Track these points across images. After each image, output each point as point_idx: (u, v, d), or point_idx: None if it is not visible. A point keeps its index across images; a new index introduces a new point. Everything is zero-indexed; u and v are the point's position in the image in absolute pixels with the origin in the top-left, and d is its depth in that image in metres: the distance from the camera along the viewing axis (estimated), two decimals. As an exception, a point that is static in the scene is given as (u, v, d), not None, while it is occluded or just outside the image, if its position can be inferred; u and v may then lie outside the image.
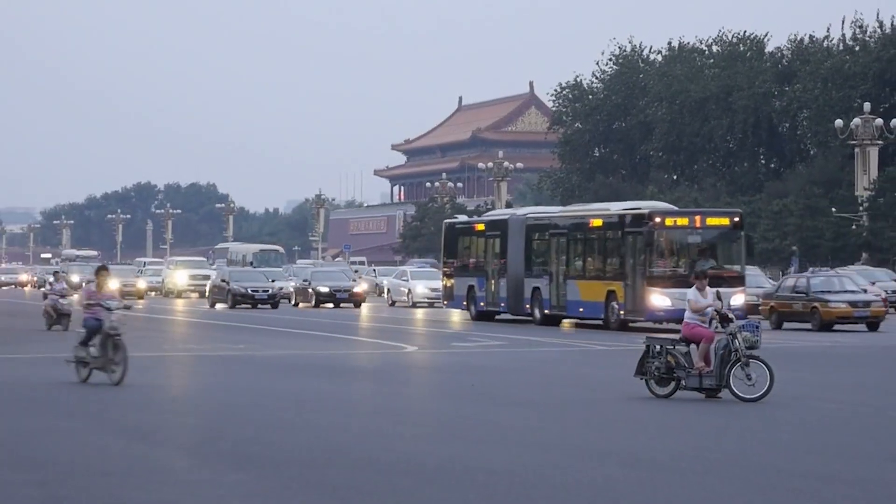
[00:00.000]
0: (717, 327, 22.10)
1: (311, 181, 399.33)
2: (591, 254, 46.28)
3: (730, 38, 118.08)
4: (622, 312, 42.87)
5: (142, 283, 78.99)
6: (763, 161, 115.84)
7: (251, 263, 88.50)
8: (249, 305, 62.77)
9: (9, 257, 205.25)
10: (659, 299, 41.71)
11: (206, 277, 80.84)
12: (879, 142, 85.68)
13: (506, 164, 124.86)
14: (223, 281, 65.62)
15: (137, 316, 47.93)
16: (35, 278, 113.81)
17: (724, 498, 12.89)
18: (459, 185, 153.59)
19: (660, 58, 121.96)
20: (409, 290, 66.80)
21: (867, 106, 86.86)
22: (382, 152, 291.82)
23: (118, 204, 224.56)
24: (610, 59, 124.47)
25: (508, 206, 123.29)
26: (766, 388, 21.40)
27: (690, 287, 23.06)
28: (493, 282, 50.67)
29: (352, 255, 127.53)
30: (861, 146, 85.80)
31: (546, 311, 46.76)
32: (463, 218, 62.71)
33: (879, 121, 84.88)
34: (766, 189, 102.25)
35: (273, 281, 66.60)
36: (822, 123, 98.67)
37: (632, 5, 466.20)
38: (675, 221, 42.95)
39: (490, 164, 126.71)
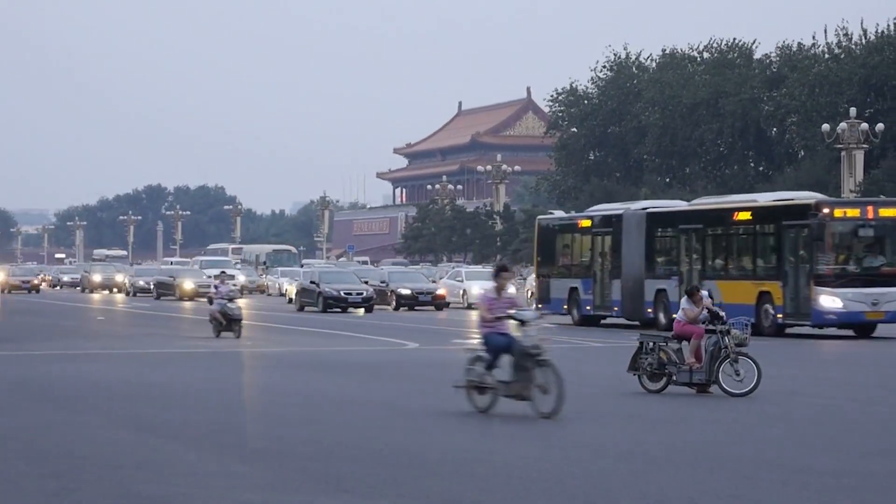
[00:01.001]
0: (708, 324, 22.19)
1: (316, 183, 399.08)
2: (737, 250, 40.82)
3: (720, 45, 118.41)
4: (780, 316, 37.68)
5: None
6: (752, 164, 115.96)
7: (265, 263, 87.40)
8: (340, 310, 56.58)
9: (24, 257, 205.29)
10: (829, 300, 36.73)
11: (232, 277, 77.46)
12: (865, 145, 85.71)
13: (504, 167, 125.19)
14: (312, 283, 59.05)
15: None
16: (50, 277, 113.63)
17: (715, 490, 12.88)
18: (459, 187, 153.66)
19: (653, 64, 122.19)
20: (464, 291, 62.15)
21: (853, 111, 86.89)
22: (385, 155, 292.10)
23: (129, 206, 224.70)
24: (605, 66, 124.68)
25: (507, 207, 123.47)
26: (753, 384, 21.45)
27: (685, 296, 23.21)
28: (602, 283, 44.84)
29: (355, 256, 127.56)
30: (847, 150, 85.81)
31: (674, 315, 40.88)
32: (559, 214, 54.26)
33: (865, 125, 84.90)
34: (756, 191, 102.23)
35: (366, 282, 59.64)
36: (810, 128, 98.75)
37: (626, 13, 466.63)
38: (844, 213, 37.86)
39: (489, 168, 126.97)
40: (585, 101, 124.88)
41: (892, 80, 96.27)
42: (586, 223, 47.12)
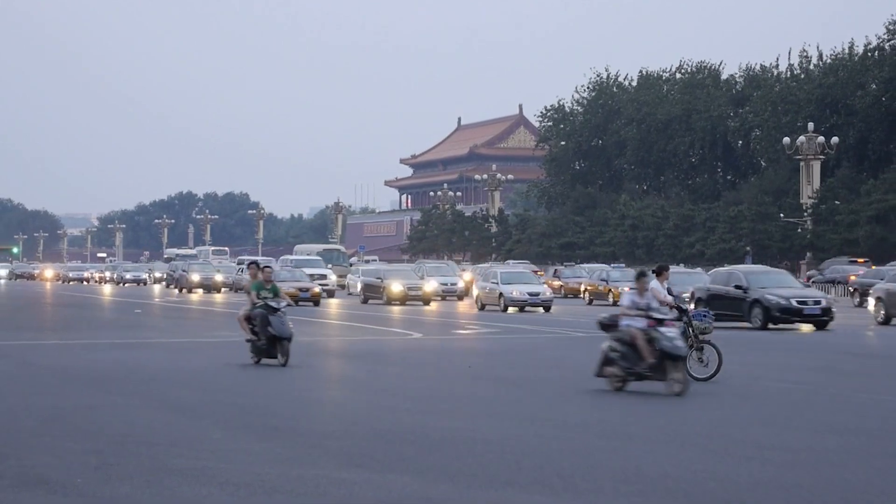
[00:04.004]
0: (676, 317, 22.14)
1: (330, 190, 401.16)
2: None
3: (690, 66, 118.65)
4: None
5: (429, 286, 59.23)
6: (720, 173, 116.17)
7: None
8: (777, 324, 37.91)
9: (69, 256, 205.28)
10: None
11: (324, 277, 66.60)
12: (821, 157, 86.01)
13: (498, 176, 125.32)
14: (738, 287, 38.46)
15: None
16: (105, 274, 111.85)
17: (687, 464, 12.89)
18: (458, 194, 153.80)
19: (631, 84, 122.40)
20: None
21: (811, 126, 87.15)
22: (392, 165, 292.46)
23: (163, 210, 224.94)
24: (588, 87, 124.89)
25: (501, 212, 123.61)
26: (716, 369, 21.54)
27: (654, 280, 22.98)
28: None
29: (365, 255, 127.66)
30: (805, 160, 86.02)
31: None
32: None
33: (821, 139, 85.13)
34: (723, 198, 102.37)
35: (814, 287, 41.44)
36: (772, 141, 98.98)
37: (608, 37, 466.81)
38: None
39: (485, 176, 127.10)
40: (571, 118, 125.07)
41: (845, 99, 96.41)
42: None
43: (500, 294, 51.41)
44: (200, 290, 76.86)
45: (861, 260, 73.12)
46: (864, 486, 11.80)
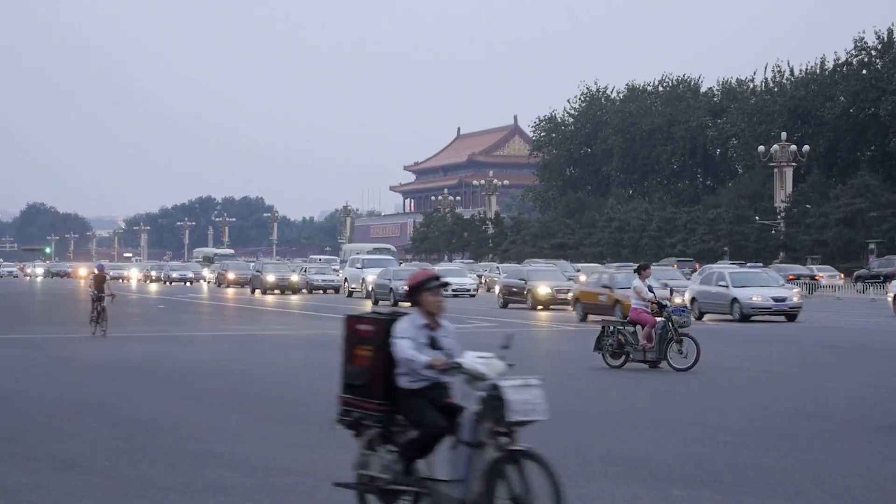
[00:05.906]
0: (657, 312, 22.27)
1: (339, 194, 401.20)
2: None
3: (671, 80, 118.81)
4: None
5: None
6: (700, 179, 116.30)
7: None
8: None
9: (97, 256, 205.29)
10: None
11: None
12: (793, 164, 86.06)
13: (495, 181, 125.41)
14: None
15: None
16: (151, 273, 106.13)
17: (669, 448, 12.91)
18: (458, 198, 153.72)
19: (618, 96, 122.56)
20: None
21: (784, 135, 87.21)
22: (396, 172, 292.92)
23: (185, 213, 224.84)
24: (578, 98, 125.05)
25: (497, 215, 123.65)
26: (694, 360, 21.60)
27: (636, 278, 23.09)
28: None
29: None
30: (779, 167, 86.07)
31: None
32: None
33: (793, 147, 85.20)
34: (703, 202, 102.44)
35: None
36: (748, 149, 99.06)
37: (597, 52, 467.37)
38: None
39: (483, 182, 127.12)
40: (563, 128, 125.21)
41: (816, 110, 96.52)
42: None
43: (734, 299, 39.12)
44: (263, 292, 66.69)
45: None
46: (832, 466, 11.83)
